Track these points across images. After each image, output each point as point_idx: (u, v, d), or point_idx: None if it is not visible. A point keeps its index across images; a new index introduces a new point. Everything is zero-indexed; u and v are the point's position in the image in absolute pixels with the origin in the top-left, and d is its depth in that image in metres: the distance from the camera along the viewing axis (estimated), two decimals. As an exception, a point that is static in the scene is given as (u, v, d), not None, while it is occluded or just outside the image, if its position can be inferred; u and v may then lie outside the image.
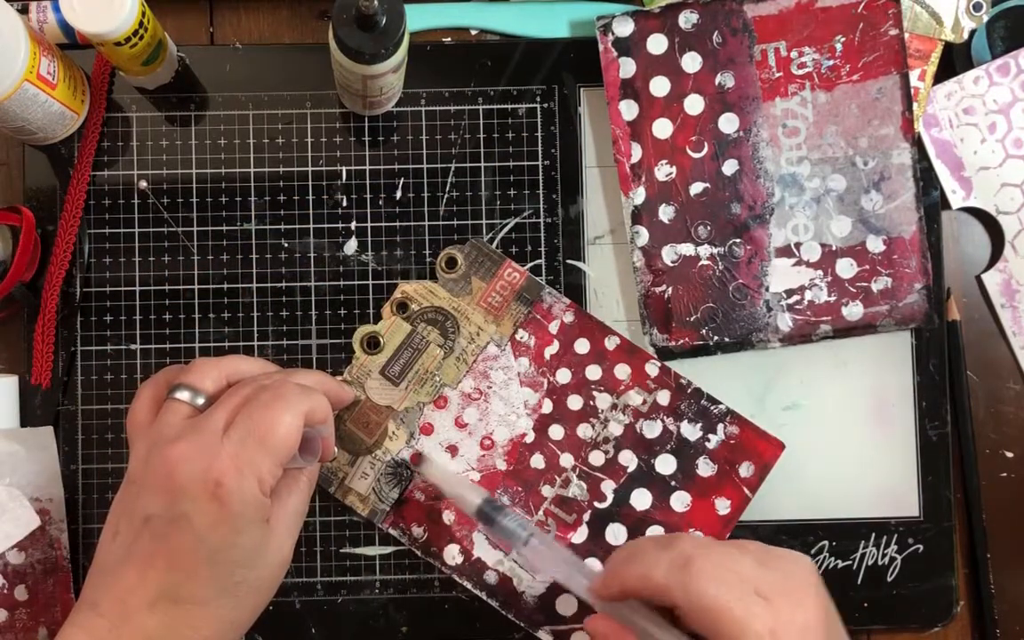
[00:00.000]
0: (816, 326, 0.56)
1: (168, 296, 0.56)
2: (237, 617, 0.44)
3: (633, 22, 0.57)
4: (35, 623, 0.54)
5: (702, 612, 0.43)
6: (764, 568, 0.44)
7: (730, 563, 0.44)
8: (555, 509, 0.56)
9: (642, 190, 0.57)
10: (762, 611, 0.42)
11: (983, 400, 0.58)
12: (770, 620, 0.42)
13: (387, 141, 0.57)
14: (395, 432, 0.56)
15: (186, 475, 0.41)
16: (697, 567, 0.43)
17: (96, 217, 0.56)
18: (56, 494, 0.54)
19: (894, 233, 0.56)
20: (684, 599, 0.43)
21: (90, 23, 0.48)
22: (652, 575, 0.44)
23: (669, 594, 0.44)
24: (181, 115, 0.57)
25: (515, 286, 0.57)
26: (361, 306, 0.57)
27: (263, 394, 0.44)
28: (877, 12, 0.56)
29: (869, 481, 0.57)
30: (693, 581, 0.43)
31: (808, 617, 0.43)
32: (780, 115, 0.57)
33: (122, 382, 0.56)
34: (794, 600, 0.43)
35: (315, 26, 0.59)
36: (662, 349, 0.56)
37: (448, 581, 0.56)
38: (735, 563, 0.44)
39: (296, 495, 0.46)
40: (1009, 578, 0.57)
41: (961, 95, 0.58)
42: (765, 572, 0.44)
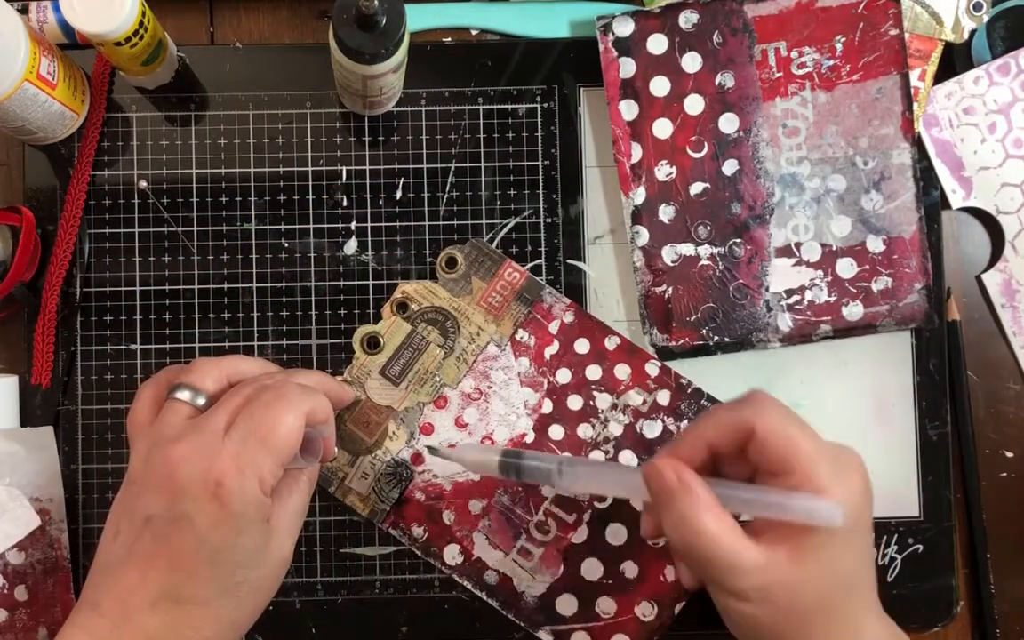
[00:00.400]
0: (816, 326, 0.56)
1: (168, 296, 0.56)
2: (238, 617, 0.44)
3: (633, 22, 0.57)
4: (35, 623, 0.54)
5: (775, 432, 0.44)
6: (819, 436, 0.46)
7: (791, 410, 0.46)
8: (555, 509, 0.56)
9: (642, 190, 0.57)
10: (824, 446, 0.44)
11: (983, 400, 0.58)
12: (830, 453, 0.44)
13: (387, 141, 0.57)
14: (395, 432, 0.56)
15: (187, 475, 0.41)
16: (763, 397, 0.45)
17: (96, 217, 0.56)
18: (56, 494, 0.54)
19: (894, 233, 0.56)
20: (758, 419, 0.44)
21: (90, 23, 0.48)
22: (719, 415, 0.46)
23: (741, 422, 0.45)
24: (181, 115, 0.57)
25: (515, 286, 0.57)
26: (361, 306, 0.57)
27: (264, 394, 0.44)
28: (877, 12, 0.56)
29: (869, 481, 0.57)
30: (763, 407, 0.45)
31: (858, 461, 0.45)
32: (780, 115, 0.57)
33: (122, 382, 0.56)
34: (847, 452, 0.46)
35: (315, 26, 0.59)
36: (662, 349, 0.56)
37: (448, 581, 0.56)
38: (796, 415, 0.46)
39: (297, 495, 0.46)
40: (1009, 578, 0.57)
41: (961, 95, 0.58)
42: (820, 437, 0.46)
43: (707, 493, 0.44)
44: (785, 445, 0.44)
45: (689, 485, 0.44)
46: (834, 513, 0.42)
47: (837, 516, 0.42)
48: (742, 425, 0.45)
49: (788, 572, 0.43)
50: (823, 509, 0.42)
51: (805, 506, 0.42)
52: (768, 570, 0.43)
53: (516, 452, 0.51)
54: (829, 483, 0.43)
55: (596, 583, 0.56)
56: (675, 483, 0.44)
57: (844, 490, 0.43)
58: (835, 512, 0.42)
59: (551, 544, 0.56)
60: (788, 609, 0.44)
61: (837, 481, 0.43)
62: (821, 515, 0.42)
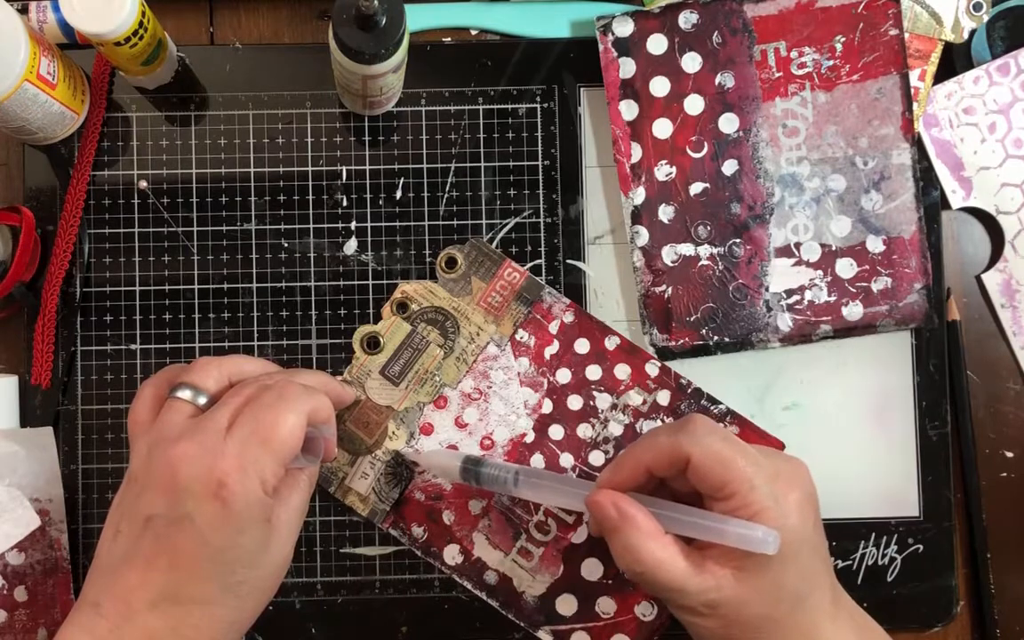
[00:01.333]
0: (816, 326, 0.56)
1: (168, 296, 0.56)
2: (238, 617, 0.44)
3: (633, 22, 0.57)
4: (35, 624, 0.54)
5: (711, 459, 0.44)
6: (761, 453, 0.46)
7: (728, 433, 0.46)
8: (555, 509, 0.56)
9: (642, 190, 0.57)
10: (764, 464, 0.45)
11: (983, 400, 0.58)
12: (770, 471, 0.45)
13: (387, 141, 0.57)
14: (395, 432, 0.56)
15: (189, 475, 0.41)
16: (700, 422, 0.46)
17: (96, 217, 0.56)
18: (56, 494, 0.54)
19: (894, 233, 0.56)
20: (692, 447, 0.44)
21: (90, 23, 0.48)
22: (655, 442, 0.46)
23: (676, 450, 0.45)
24: (181, 115, 0.57)
25: (515, 286, 0.57)
26: (361, 306, 0.57)
27: (266, 394, 0.44)
28: (877, 12, 0.56)
29: (869, 481, 0.57)
30: (697, 433, 0.45)
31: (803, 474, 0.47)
32: (780, 115, 0.57)
33: (122, 382, 0.56)
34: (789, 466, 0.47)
35: (315, 26, 0.59)
36: (662, 349, 0.56)
37: (448, 581, 0.56)
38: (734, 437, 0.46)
39: (297, 494, 0.46)
40: (1009, 578, 0.57)
41: (961, 95, 0.58)
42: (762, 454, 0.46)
43: (648, 521, 0.45)
44: (722, 471, 0.44)
45: (629, 516, 0.45)
46: (767, 539, 0.42)
47: (771, 542, 0.42)
48: (678, 452, 0.45)
49: (733, 590, 0.44)
50: (757, 536, 0.43)
51: (739, 533, 0.43)
52: (713, 589, 0.44)
53: (476, 459, 0.52)
54: (766, 506, 0.44)
55: (596, 583, 0.56)
56: (615, 517, 0.46)
57: (781, 511, 0.44)
58: (768, 538, 0.42)
59: (551, 544, 0.56)
60: (737, 622, 0.45)
61: (775, 502, 0.44)
62: (755, 542, 0.43)
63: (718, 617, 0.45)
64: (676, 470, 0.46)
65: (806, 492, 0.46)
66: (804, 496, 0.45)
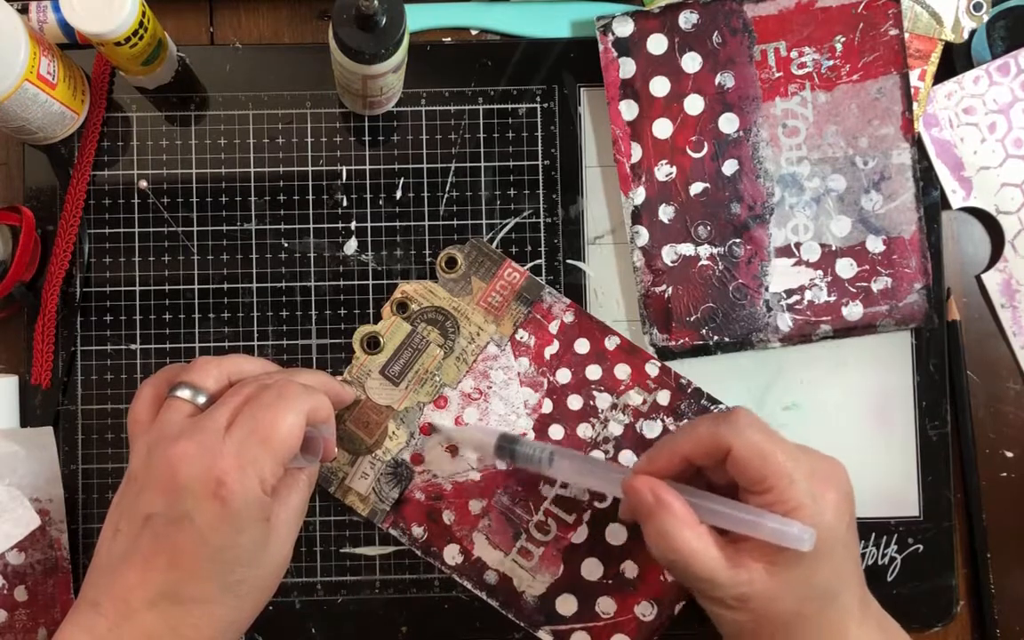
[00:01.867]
0: (816, 326, 0.56)
1: (168, 296, 0.56)
2: (238, 616, 0.44)
3: (633, 22, 0.57)
4: (35, 624, 0.54)
5: (751, 451, 0.44)
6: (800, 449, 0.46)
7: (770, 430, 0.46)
8: (555, 509, 0.56)
9: (642, 190, 0.57)
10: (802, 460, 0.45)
11: (983, 400, 0.58)
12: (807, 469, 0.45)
13: (387, 141, 0.57)
14: (395, 432, 0.56)
15: (188, 474, 0.41)
16: (742, 414, 0.46)
17: (96, 217, 0.56)
18: (56, 494, 0.54)
19: (894, 233, 0.56)
20: (732, 438, 0.44)
21: (90, 23, 0.48)
22: (696, 431, 0.46)
23: (717, 440, 0.45)
24: (181, 115, 0.57)
25: (515, 286, 0.57)
26: (361, 306, 0.57)
27: (265, 394, 0.44)
28: (877, 12, 0.56)
29: (869, 481, 0.57)
30: (738, 422, 0.45)
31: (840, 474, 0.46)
32: (780, 115, 0.57)
33: (122, 382, 0.56)
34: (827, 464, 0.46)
35: (315, 26, 0.59)
36: (662, 349, 0.56)
37: (448, 581, 0.56)
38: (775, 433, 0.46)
39: (296, 494, 0.46)
40: (1009, 578, 0.57)
41: (961, 95, 0.58)
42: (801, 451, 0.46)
43: (684, 509, 0.45)
44: (761, 465, 0.44)
45: (666, 502, 0.45)
46: (803, 536, 0.42)
47: (806, 539, 0.42)
48: (719, 443, 0.45)
49: (765, 584, 0.44)
50: (793, 532, 0.43)
51: (775, 528, 0.43)
52: (745, 582, 0.44)
53: (512, 437, 0.53)
54: (803, 502, 0.43)
55: (596, 583, 0.56)
56: (652, 502, 0.46)
57: (817, 508, 0.44)
58: (804, 535, 0.42)
59: (551, 544, 0.56)
60: (767, 617, 0.45)
61: (812, 499, 0.44)
62: (791, 538, 0.43)
63: (748, 611, 0.45)
64: (715, 460, 0.46)
65: (843, 492, 0.45)
66: (841, 495, 0.45)
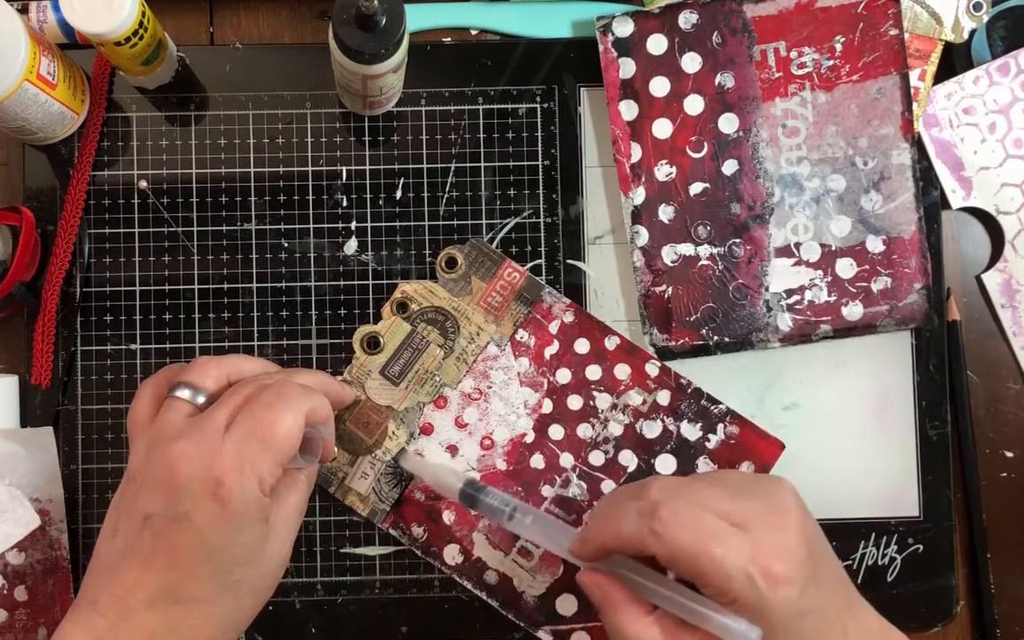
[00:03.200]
0: (816, 326, 0.56)
1: (168, 296, 0.56)
2: (236, 616, 0.44)
3: (633, 22, 0.57)
4: (35, 623, 0.54)
5: (678, 556, 0.42)
6: (738, 499, 0.44)
7: (700, 501, 0.43)
8: (555, 509, 0.56)
9: (642, 190, 0.57)
10: (739, 543, 0.42)
11: (983, 400, 0.58)
12: (748, 549, 0.42)
13: (387, 141, 0.57)
14: (395, 432, 0.56)
15: (187, 474, 0.41)
16: (666, 512, 0.43)
17: (96, 217, 0.56)
18: (56, 494, 0.54)
19: (894, 233, 0.56)
20: (657, 547, 0.43)
21: (90, 23, 0.48)
22: (621, 528, 0.44)
23: (642, 545, 0.43)
24: (181, 115, 0.57)
25: (515, 286, 0.57)
26: (361, 306, 0.57)
27: (265, 394, 0.44)
28: (877, 12, 0.56)
29: (869, 481, 0.57)
30: (664, 528, 0.42)
31: (789, 538, 0.43)
32: (780, 115, 0.57)
33: (122, 382, 0.56)
34: (772, 523, 0.43)
35: (315, 26, 0.59)
36: (662, 349, 0.56)
37: (448, 581, 0.56)
38: (706, 500, 0.43)
39: (296, 494, 0.46)
40: (1009, 578, 0.57)
41: (961, 95, 0.58)
42: (740, 502, 0.43)
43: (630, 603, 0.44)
44: (692, 567, 0.42)
45: (611, 599, 0.45)
46: (748, 636, 0.41)
47: (752, 637, 0.41)
48: (643, 549, 0.44)
49: None
50: (740, 630, 0.41)
51: (722, 623, 0.42)
52: None
53: (480, 486, 0.51)
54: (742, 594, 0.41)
55: (596, 583, 0.56)
56: (600, 597, 0.45)
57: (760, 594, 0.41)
58: (750, 635, 0.41)
59: (551, 544, 0.56)
60: None
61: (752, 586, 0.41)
62: (737, 635, 0.41)
63: None
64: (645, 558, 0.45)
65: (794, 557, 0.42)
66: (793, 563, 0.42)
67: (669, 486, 0.45)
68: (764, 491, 0.45)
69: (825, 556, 0.45)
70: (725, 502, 0.43)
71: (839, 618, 0.44)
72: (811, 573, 0.43)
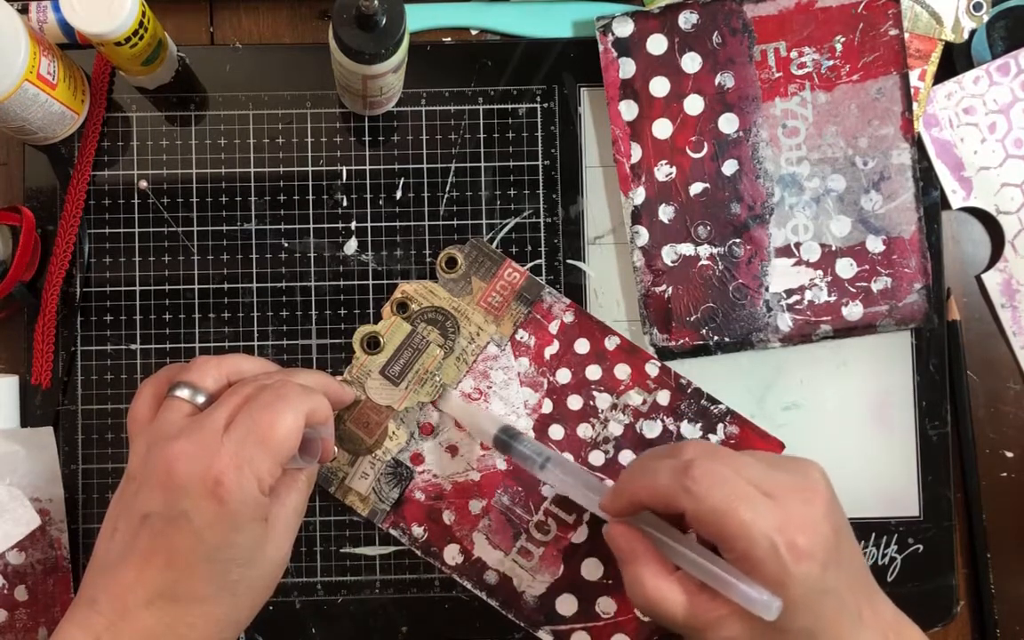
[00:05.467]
0: (816, 326, 0.56)
1: (168, 296, 0.56)
2: (235, 615, 0.44)
3: (633, 22, 0.57)
4: (35, 623, 0.54)
5: (706, 515, 0.43)
6: (770, 470, 0.44)
7: (734, 465, 0.44)
8: (555, 509, 0.56)
9: (642, 190, 0.57)
10: (768, 510, 0.42)
11: (983, 400, 0.58)
12: (777, 518, 0.42)
13: (387, 141, 0.57)
14: (395, 432, 0.56)
15: (186, 473, 0.41)
16: (700, 471, 0.43)
17: (96, 217, 0.56)
18: (56, 494, 0.54)
19: (894, 233, 0.56)
20: (688, 503, 0.43)
21: (90, 23, 0.48)
22: (655, 483, 0.45)
23: (674, 500, 0.44)
24: (181, 115, 0.57)
25: (515, 286, 0.57)
26: (361, 306, 0.57)
27: (264, 394, 0.44)
28: (877, 12, 0.56)
29: (869, 481, 0.57)
30: (695, 484, 0.43)
31: (816, 514, 0.43)
32: (780, 115, 0.57)
33: (122, 382, 0.56)
34: (802, 497, 0.43)
35: (315, 26, 0.59)
36: (662, 349, 0.56)
37: (448, 581, 0.56)
38: (739, 466, 0.44)
39: (295, 494, 0.46)
40: (1009, 578, 0.57)
41: (961, 95, 0.58)
42: (771, 474, 0.44)
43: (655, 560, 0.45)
44: (719, 528, 0.42)
45: (638, 553, 0.45)
46: (771, 605, 0.41)
47: (773, 609, 0.41)
48: (673, 504, 0.44)
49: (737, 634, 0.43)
50: (759, 600, 0.41)
51: (743, 591, 0.42)
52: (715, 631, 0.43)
53: (515, 433, 0.52)
54: (764, 560, 0.42)
55: (596, 583, 0.56)
56: (626, 551, 0.46)
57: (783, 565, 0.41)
58: (772, 605, 0.41)
59: (551, 544, 0.56)
60: None
61: (776, 556, 0.42)
62: (758, 605, 0.42)
63: None
64: (674, 516, 0.45)
65: (819, 533, 0.43)
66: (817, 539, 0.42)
67: (704, 448, 0.46)
68: (795, 468, 0.45)
69: (848, 541, 0.45)
70: (758, 471, 0.44)
71: (856, 604, 0.44)
72: (834, 554, 0.43)
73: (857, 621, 0.44)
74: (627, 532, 0.46)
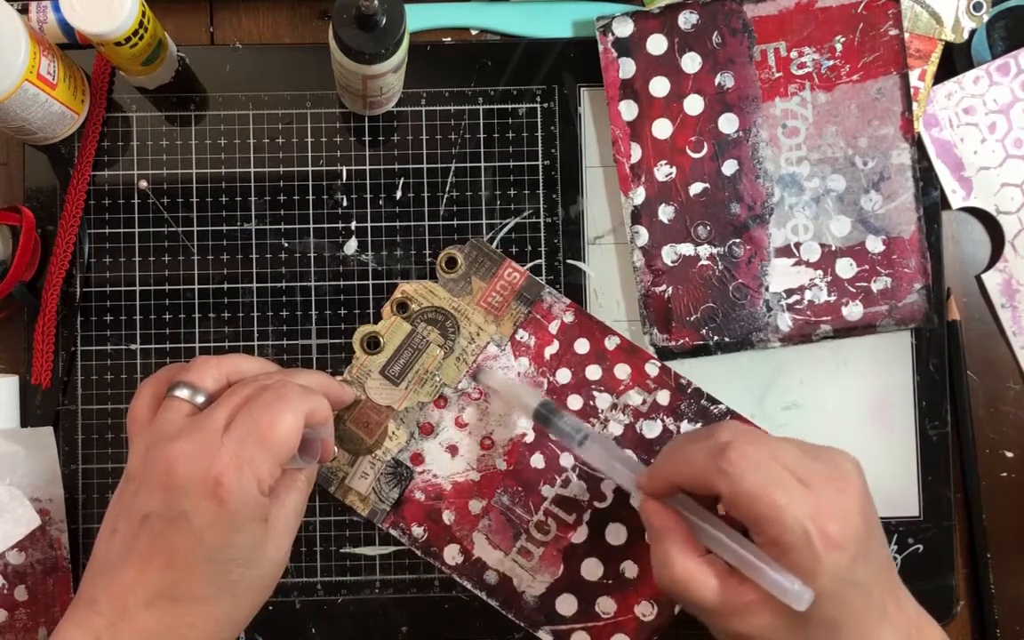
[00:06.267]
0: (816, 326, 0.56)
1: (168, 296, 0.56)
2: (235, 616, 0.44)
3: (633, 22, 0.57)
4: (35, 623, 0.54)
5: (741, 498, 0.43)
6: (805, 458, 0.44)
7: (769, 450, 0.44)
8: (555, 509, 0.56)
9: (642, 190, 0.57)
10: (802, 497, 0.42)
11: (983, 400, 0.58)
12: (809, 505, 0.42)
13: (387, 141, 0.57)
14: (395, 432, 0.56)
15: (185, 473, 0.41)
16: (736, 454, 0.43)
17: (96, 217, 0.56)
18: (56, 494, 0.54)
19: (894, 233, 0.56)
20: (723, 485, 0.43)
21: (90, 23, 0.48)
22: (691, 465, 0.45)
23: (708, 482, 0.44)
24: (181, 115, 0.57)
25: (515, 286, 0.57)
26: (361, 306, 0.57)
27: (264, 394, 0.44)
28: (877, 12, 0.56)
29: (869, 481, 0.57)
30: (731, 467, 0.43)
31: (849, 505, 0.43)
32: (780, 115, 0.57)
33: (122, 382, 0.56)
34: (836, 487, 0.43)
35: (315, 26, 0.59)
36: (662, 349, 0.56)
37: (448, 581, 0.56)
38: (775, 450, 0.44)
39: (295, 494, 0.46)
40: (1009, 578, 0.57)
41: (961, 95, 0.58)
42: (806, 461, 0.44)
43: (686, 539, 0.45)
44: (754, 511, 0.43)
45: (669, 530, 0.45)
46: (802, 595, 0.41)
47: (804, 600, 0.41)
48: (709, 486, 0.44)
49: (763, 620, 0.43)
50: (791, 589, 0.42)
51: (774, 579, 0.42)
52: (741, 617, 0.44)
53: (555, 409, 0.52)
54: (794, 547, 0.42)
55: (596, 583, 0.56)
56: (658, 527, 0.46)
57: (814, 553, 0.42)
58: (804, 595, 0.41)
59: (551, 544, 0.56)
60: None
61: (807, 544, 0.42)
62: (789, 595, 0.42)
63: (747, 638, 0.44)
64: (709, 497, 0.45)
65: (851, 524, 0.43)
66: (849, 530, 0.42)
67: (740, 430, 0.46)
68: (830, 458, 0.45)
69: (878, 535, 0.46)
70: (793, 457, 0.44)
71: (882, 598, 0.44)
72: (864, 546, 0.43)
73: (882, 616, 0.44)
74: (661, 508, 0.46)
